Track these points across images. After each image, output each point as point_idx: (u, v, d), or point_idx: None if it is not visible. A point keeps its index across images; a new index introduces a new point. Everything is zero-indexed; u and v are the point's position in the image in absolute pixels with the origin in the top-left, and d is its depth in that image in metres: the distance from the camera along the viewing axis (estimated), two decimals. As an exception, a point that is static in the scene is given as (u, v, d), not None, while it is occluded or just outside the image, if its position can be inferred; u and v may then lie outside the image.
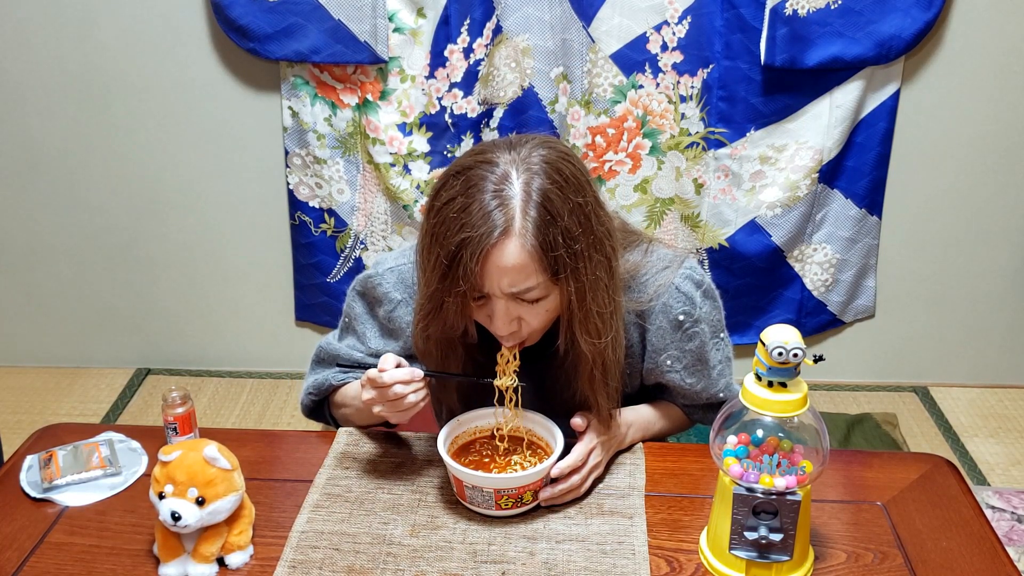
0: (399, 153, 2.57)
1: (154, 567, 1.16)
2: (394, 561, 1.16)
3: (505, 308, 1.19)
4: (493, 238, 1.12)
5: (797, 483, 1.09)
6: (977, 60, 2.49)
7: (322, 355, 1.45)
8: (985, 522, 1.24)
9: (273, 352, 2.96)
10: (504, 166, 1.15)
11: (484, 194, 1.13)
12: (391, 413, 1.24)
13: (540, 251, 1.13)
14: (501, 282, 1.15)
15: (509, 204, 1.13)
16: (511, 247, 1.13)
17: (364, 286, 1.42)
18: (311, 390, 1.44)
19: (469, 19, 2.43)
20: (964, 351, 2.86)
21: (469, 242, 1.12)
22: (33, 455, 1.36)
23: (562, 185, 1.15)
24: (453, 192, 1.15)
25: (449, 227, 1.14)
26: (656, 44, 2.44)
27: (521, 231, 1.13)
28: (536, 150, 1.17)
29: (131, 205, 2.77)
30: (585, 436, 1.28)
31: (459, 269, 1.13)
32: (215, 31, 2.53)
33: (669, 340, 1.34)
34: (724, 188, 2.59)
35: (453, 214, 1.13)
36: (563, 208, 1.14)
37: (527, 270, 1.14)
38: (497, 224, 1.12)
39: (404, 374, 1.21)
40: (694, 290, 1.32)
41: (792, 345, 1.04)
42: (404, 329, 1.39)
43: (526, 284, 1.16)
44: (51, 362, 3.00)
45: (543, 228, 1.13)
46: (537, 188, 1.13)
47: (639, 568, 1.15)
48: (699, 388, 1.39)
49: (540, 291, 1.17)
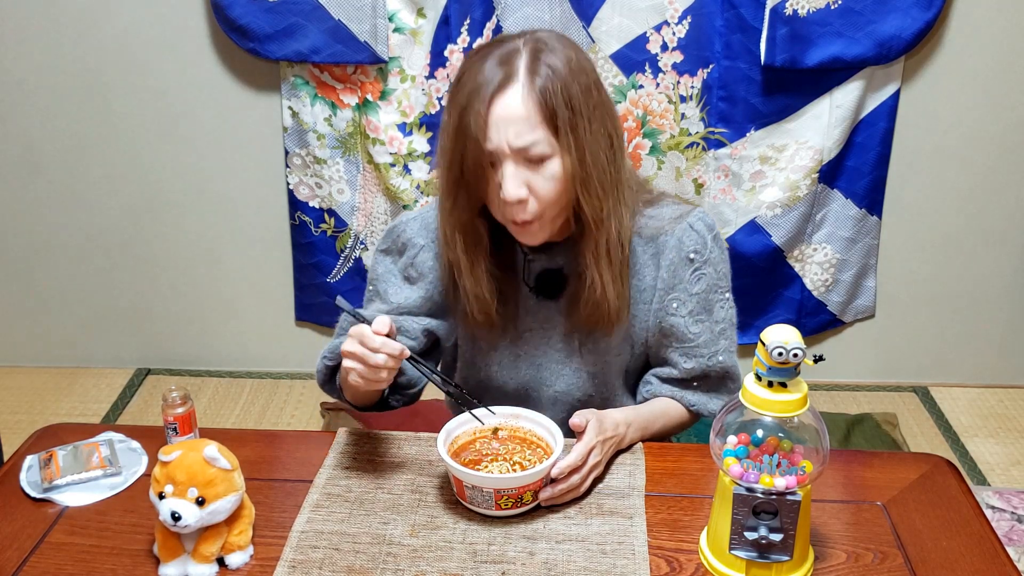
0: (399, 153, 2.57)
1: (154, 567, 1.16)
2: (394, 561, 1.16)
3: (514, 170, 1.24)
4: (495, 85, 1.22)
5: (797, 483, 1.09)
6: (977, 60, 2.49)
7: (345, 324, 1.46)
8: (985, 522, 1.24)
9: (273, 352, 2.96)
10: (515, 42, 1.26)
11: (492, 58, 1.24)
12: (359, 373, 1.21)
13: (541, 100, 1.22)
14: (507, 133, 1.22)
15: (515, 62, 1.24)
16: (513, 94, 1.22)
17: (387, 238, 1.47)
18: (326, 354, 1.42)
19: (469, 19, 2.43)
20: (964, 351, 2.86)
21: (477, 91, 1.22)
22: (33, 455, 1.36)
23: (565, 51, 1.26)
24: (467, 64, 1.27)
25: (461, 88, 1.25)
26: (656, 44, 2.44)
27: (525, 81, 1.22)
28: (545, 31, 1.29)
29: (131, 205, 2.77)
30: (584, 435, 1.28)
31: (469, 119, 1.23)
32: (215, 31, 2.53)
33: (679, 279, 1.39)
34: (724, 188, 2.59)
35: (465, 78, 1.25)
36: (565, 70, 1.24)
37: (531, 120, 1.22)
38: (502, 74, 1.23)
39: (394, 347, 1.19)
40: (706, 232, 1.39)
41: (792, 345, 1.04)
42: (426, 273, 1.43)
43: (530, 137, 1.22)
44: (51, 362, 3.00)
45: (545, 80, 1.22)
46: (542, 51, 1.25)
47: (639, 568, 1.15)
48: (701, 341, 1.41)
49: (544, 147, 1.23)
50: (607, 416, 1.33)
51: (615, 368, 1.47)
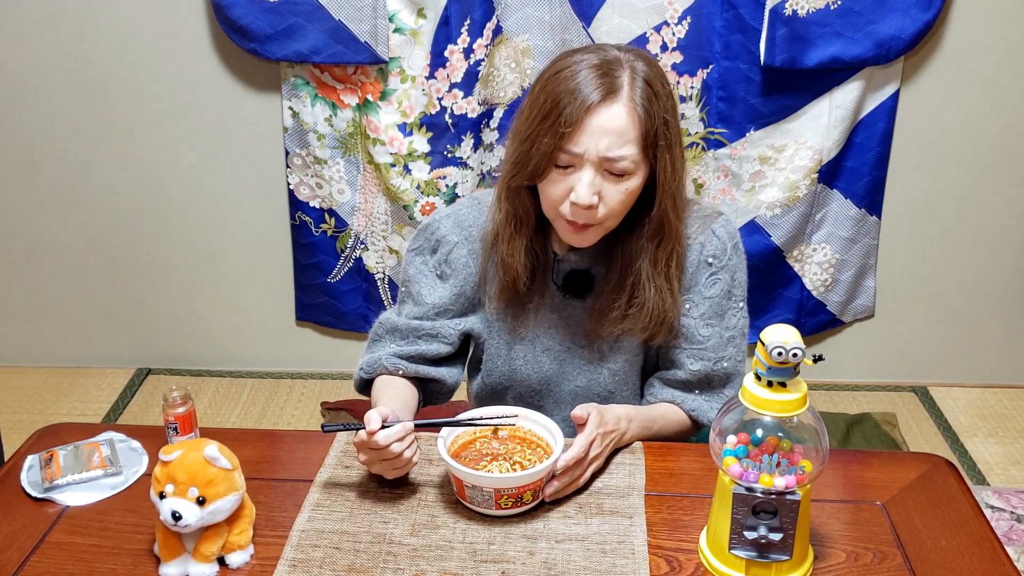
0: (399, 153, 2.57)
1: (155, 567, 1.16)
2: (394, 560, 1.17)
3: (592, 176, 1.27)
4: (601, 95, 1.24)
5: (796, 483, 1.09)
6: (977, 60, 2.49)
7: (380, 331, 1.50)
8: (984, 522, 1.24)
9: (273, 352, 2.96)
10: (613, 52, 1.29)
11: (592, 63, 1.26)
12: (388, 471, 1.26)
13: (644, 120, 1.26)
14: (599, 143, 1.25)
15: (619, 76, 1.26)
16: (617, 109, 1.25)
17: (419, 236, 1.49)
18: (364, 367, 1.48)
19: (469, 20, 2.43)
20: (963, 351, 2.86)
21: (578, 91, 1.24)
22: (34, 455, 1.36)
23: (659, 75, 1.30)
24: (567, 62, 1.28)
25: (560, 82, 1.26)
26: (656, 44, 2.44)
27: (629, 97, 1.25)
28: (635, 51, 1.32)
29: (131, 205, 2.77)
30: (585, 427, 1.28)
31: (562, 113, 1.24)
32: (215, 31, 2.53)
33: (695, 281, 1.42)
34: (724, 188, 2.60)
35: (566, 74, 1.26)
36: (662, 92, 1.28)
37: (627, 136, 1.25)
38: (605, 88, 1.25)
39: (397, 431, 1.22)
40: (727, 239, 1.42)
41: (792, 345, 1.04)
42: (460, 270, 1.45)
43: (622, 151, 1.26)
44: (51, 362, 3.01)
45: (648, 100, 1.26)
46: (641, 70, 1.28)
47: (639, 568, 1.15)
48: (709, 344, 1.42)
49: (629, 164, 1.27)
50: (609, 410, 1.34)
51: (635, 366, 1.49)
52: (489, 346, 1.51)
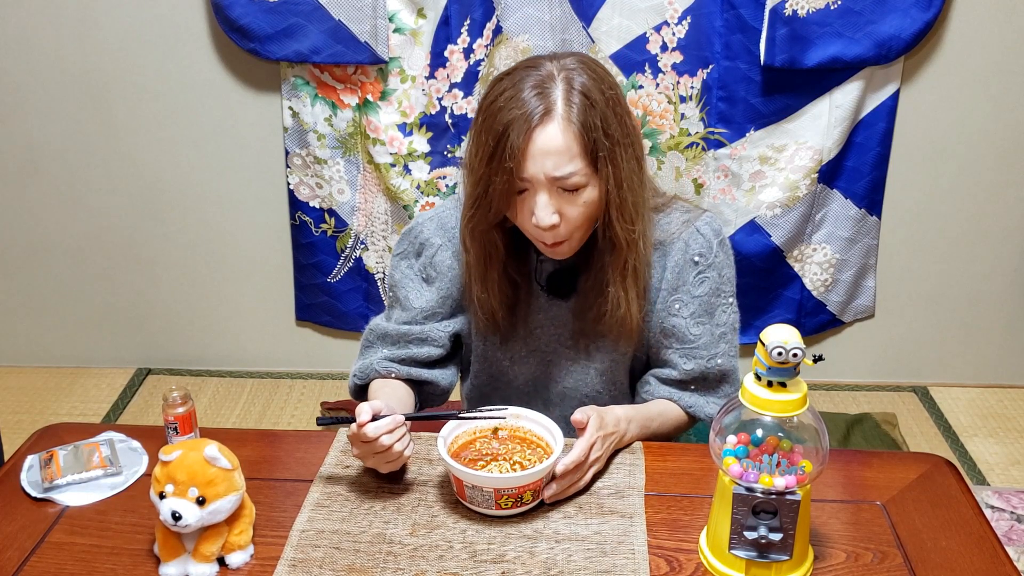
0: (399, 153, 2.57)
1: (154, 567, 1.16)
2: (394, 560, 1.17)
3: (547, 198, 1.27)
4: (536, 119, 1.24)
5: (797, 483, 1.09)
6: (977, 60, 2.49)
7: (371, 338, 1.50)
8: (984, 522, 1.24)
9: (273, 352, 2.96)
10: (547, 67, 1.28)
11: (528, 86, 1.26)
12: (381, 464, 1.27)
13: (582, 133, 1.24)
14: (545, 164, 1.25)
15: (552, 93, 1.25)
16: (554, 128, 1.24)
17: (403, 241, 1.49)
18: (357, 373, 1.49)
19: (469, 19, 2.43)
20: (963, 351, 2.86)
21: (515, 122, 1.24)
22: (34, 455, 1.36)
23: (598, 80, 1.28)
24: (500, 88, 1.28)
25: (496, 114, 1.26)
26: (656, 44, 2.44)
27: (564, 115, 1.25)
28: (573, 56, 1.30)
29: (131, 205, 2.77)
30: (586, 430, 1.28)
31: (505, 149, 1.24)
32: (215, 31, 2.53)
33: (682, 280, 1.41)
34: (724, 188, 2.59)
35: (500, 103, 1.26)
36: (600, 99, 1.26)
37: (569, 152, 1.25)
38: (541, 107, 1.24)
39: (387, 423, 1.22)
40: (712, 236, 1.42)
41: (792, 345, 1.04)
42: (445, 272, 1.45)
43: (568, 168, 1.25)
44: (51, 362, 3.01)
45: (584, 113, 1.25)
46: (578, 81, 1.26)
47: (639, 568, 1.15)
48: (701, 343, 1.42)
49: (580, 178, 1.26)
50: (608, 412, 1.34)
51: (623, 366, 1.49)
52: (476, 348, 1.52)
